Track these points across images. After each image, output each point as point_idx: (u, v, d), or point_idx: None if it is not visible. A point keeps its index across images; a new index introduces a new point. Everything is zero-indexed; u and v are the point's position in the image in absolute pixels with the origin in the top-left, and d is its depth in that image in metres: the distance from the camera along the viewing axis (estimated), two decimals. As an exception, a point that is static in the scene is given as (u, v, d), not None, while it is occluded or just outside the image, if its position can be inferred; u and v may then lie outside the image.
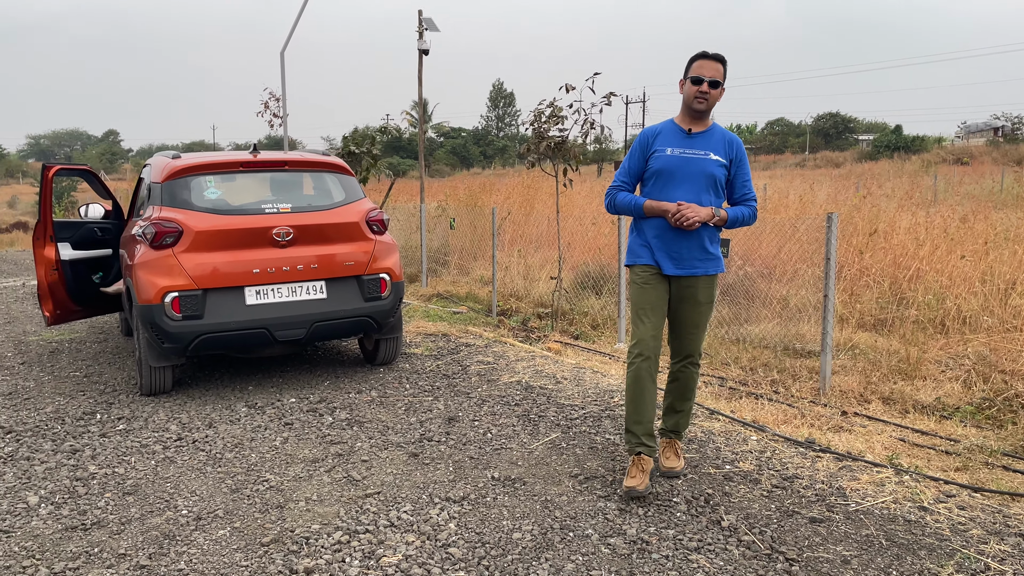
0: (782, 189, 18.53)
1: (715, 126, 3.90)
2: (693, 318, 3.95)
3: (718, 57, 3.79)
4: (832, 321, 5.96)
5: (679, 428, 4.17)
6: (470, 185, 17.95)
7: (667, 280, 3.90)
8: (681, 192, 3.78)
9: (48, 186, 6.51)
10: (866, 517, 3.60)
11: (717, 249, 3.94)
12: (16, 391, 6.08)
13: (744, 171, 3.90)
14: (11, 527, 3.69)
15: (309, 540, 3.47)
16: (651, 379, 3.85)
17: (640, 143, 3.95)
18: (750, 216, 3.93)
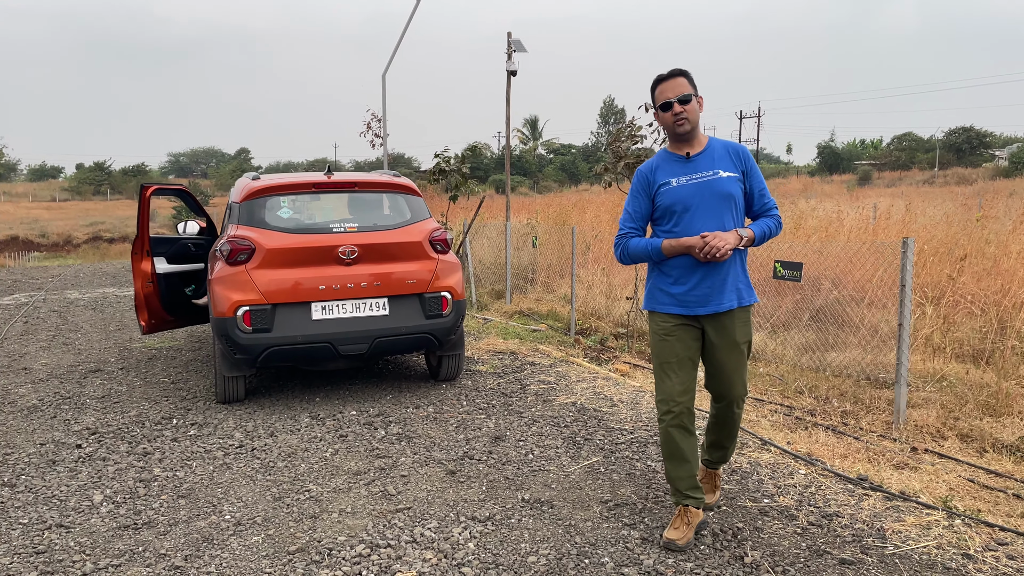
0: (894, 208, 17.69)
1: (712, 140, 3.62)
2: (732, 362, 3.62)
3: (674, 73, 3.53)
4: (907, 351, 5.70)
5: (724, 460, 3.98)
6: (564, 203, 18.01)
7: (696, 323, 3.59)
8: (702, 222, 3.48)
9: (146, 205, 7.00)
10: (901, 562, 3.42)
11: (747, 276, 3.65)
12: (109, 394, 6.55)
13: (759, 179, 3.59)
14: (72, 523, 3.99)
15: (332, 551, 3.59)
16: (685, 433, 3.61)
17: (640, 183, 3.65)
18: (776, 227, 3.60)
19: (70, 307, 12.04)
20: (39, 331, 9.88)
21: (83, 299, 13.03)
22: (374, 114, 15.13)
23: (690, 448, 3.63)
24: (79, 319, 10.76)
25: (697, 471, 3.69)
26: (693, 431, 3.66)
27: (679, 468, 3.64)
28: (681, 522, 3.64)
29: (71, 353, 8.41)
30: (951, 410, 5.93)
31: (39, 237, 50.70)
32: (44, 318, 10.94)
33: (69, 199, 67.87)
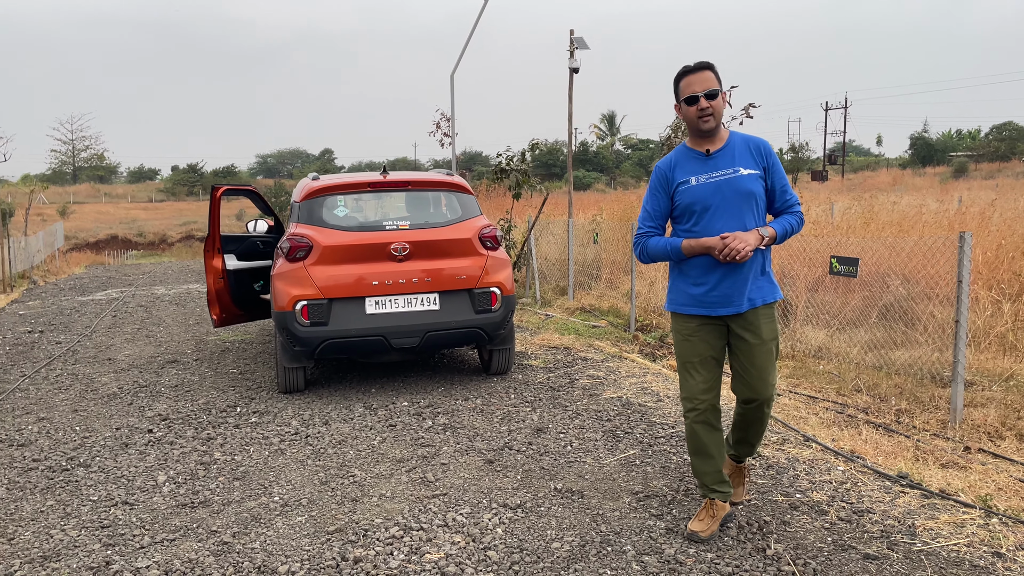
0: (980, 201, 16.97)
1: (733, 135, 3.53)
2: (758, 360, 3.52)
3: (701, 66, 3.44)
4: (964, 348, 5.57)
5: (752, 453, 3.89)
6: (633, 199, 17.94)
7: (720, 322, 3.54)
8: (722, 222, 3.41)
9: (216, 205, 7.38)
10: (928, 558, 3.39)
11: (771, 274, 3.58)
12: (182, 384, 6.95)
13: (780, 175, 3.51)
14: (136, 500, 4.31)
15: (368, 532, 3.78)
16: (709, 430, 3.60)
17: (658, 180, 3.58)
18: (798, 224, 3.52)
19: (156, 302, 12.72)
20: (125, 324, 10.49)
21: (168, 294, 13.74)
22: (443, 113, 15.40)
23: (715, 444, 3.65)
24: (162, 313, 11.38)
25: (723, 466, 3.71)
26: (719, 427, 3.67)
27: (705, 463, 3.67)
28: (706, 514, 3.67)
29: (152, 345, 8.92)
30: (1017, 409, 5.76)
31: (137, 236, 53.32)
32: (131, 312, 11.61)
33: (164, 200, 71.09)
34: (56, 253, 30.48)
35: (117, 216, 60.43)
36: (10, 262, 20.47)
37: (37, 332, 10.25)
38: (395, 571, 3.41)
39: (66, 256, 32.88)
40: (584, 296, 11.90)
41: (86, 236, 52.23)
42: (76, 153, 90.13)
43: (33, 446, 5.33)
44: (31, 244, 25.46)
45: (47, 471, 4.82)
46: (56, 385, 7.11)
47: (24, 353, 8.78)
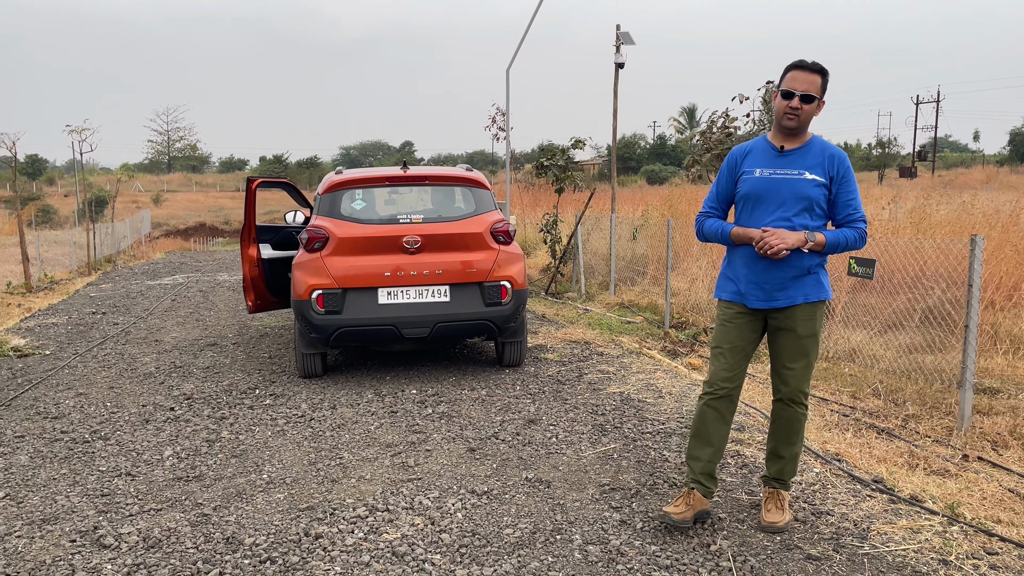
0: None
1: (814, 140, 3.54)
2: (791, 353, 3.58)
3: (815, 68, 3.42)
4: (973, 354, 5.44)
5: (783, 476, 3.76)
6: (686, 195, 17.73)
7: (759, 314, 3.60)
8: (771, 217, 3.47)
9: (252, 197, 7.73)
10: (871, 562, 3.38)
11: (821, 273, 3.57)
12: (213, 365, 7.34)
13: (849, 189, 3.50)
14: (138, 472, 4.63)
15: (336, 511, 3.99)
16: (718, 420, 3.65)
17: (728, 164, 3.67)
18: (856, 239, 3.50)
19: (215, 288, 13.33)
20: (180, 308, 11.06)
21: (229, 281, 14.35)
22: (499, 108, 15.57)
23: (717, 434, 3.68)
24: (217, 299, 11.92)
25: (716, 461, 3.72)
26: (728, 420, 3.70)
27: (700, 448, 3.69)
28: (683, 502, 3.68)
29: (199, 328, 9.40)
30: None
31: (223, 224, 55.37)
32: (190, 297, 12.21)
33: (251, 189, 73.44)
34: (142, 239, 32.08)
35: (206, 204, 62.83)
36: (95, 247, 21.68)
37: (100, 313, 10.92)
38: (350, 548, 3.60)
39: (153, 242, 34.56)
40: (627, 292, 11.90)
41: (176, 223, 54.52)
42: (171, 143, 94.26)
43: (65, 419, 5.75)
44: (118, 230, 26.85)
45: (70, 442, 5.20)
46: (102, 363, 7.60)
47: (83, 333, 9.38)
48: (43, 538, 3.78)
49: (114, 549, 3.64)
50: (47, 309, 11.71)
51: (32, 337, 9.13)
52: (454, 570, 3.38)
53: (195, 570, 3.43)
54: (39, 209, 35.12)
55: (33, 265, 17.31)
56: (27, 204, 34.77)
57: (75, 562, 3.52)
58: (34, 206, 33.48)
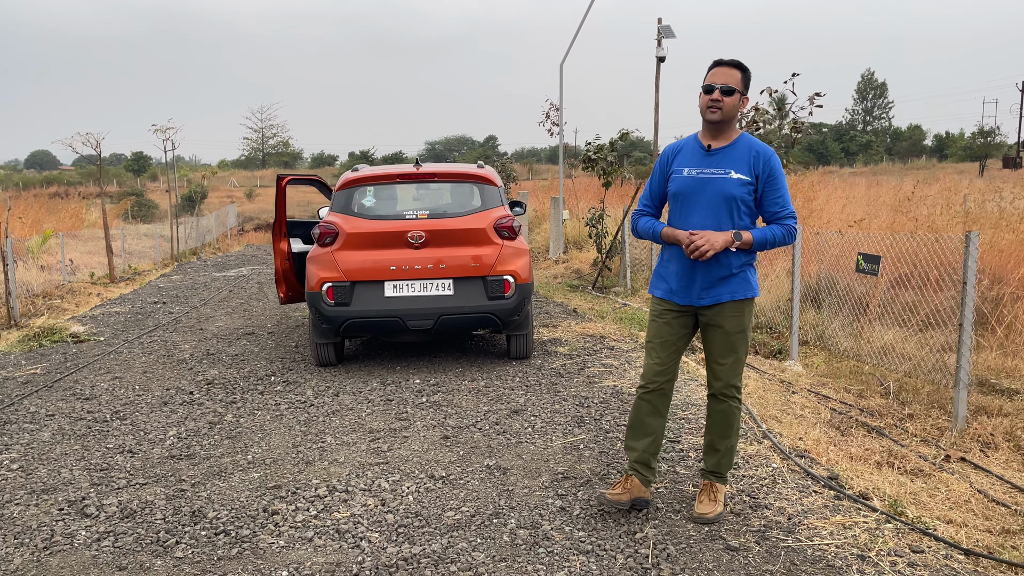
0: None
1: (741, 138, 3.59)
2: (720, 349, 3.66)
3: (734, 63, 3.52)
4: (968, 354, 5.32)
5: (720, 469, 3.81)
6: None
7: (689, 311, 3.69)
8: (698, 218, 3.53)
9: (282, 193, 8.12)
10: (787, 554, 3.42)
11: (749, 272, 3.63)
12: (242, 353, 7.77)
13: (776, 186, 3.54)
14: (139, 450, 5.02)
15: (298, 491, 4.26)
16: (652, 411, 3.75)
17: (660, 163, 3.74)
18: (784, 236, 3.54)
19: (272, 280, 13.92)
20: (233, 299, 11.65)
21: (289, 274, 14.96)
22: (552, 103, 15.67)
23: (652, 425, 3.80)
24: (270, 291, 12.49)
25: (653, 452, 3.83)
26: (662, 414, 3.81)
27: (635, 439, 3.83)
28: (621, 486, 3.81)
29: (243, 318, 9.91)
30: None
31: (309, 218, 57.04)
32: (246, 288, 12.82)
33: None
34: (228, 232, 33.55)
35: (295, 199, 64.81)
36: (179, 240, 22.87)
37: (160, 303, 11.61)
38: (298, 524, 3.86)
39: (240, 236, 36.07)
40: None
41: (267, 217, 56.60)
42: (265, 140, 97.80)
43: (95, 400, 6.24)
44: (203, 224, 28.21)
45: (91, 421, 5.66)
46: (145, 350, 8.14)
47: (139, 321, 10.03)
48: (37, 506, 4.17)
49: (93, 518, 4.00)
50: (117, 299, 12.52)
51: (92, 324, 9.82)
52: (386, 547, 3.59)
53: (157, 539, 3.74)
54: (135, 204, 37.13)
55: (118, 257, 18.43)
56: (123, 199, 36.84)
57: (56, 527, 3.89)
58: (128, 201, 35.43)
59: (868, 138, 71.13)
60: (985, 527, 3.78)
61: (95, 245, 19.88)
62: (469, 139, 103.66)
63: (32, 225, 19.72)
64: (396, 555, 3.50)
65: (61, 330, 8.92)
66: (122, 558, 3.57)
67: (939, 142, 71.28)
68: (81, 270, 16.61)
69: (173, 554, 3.59)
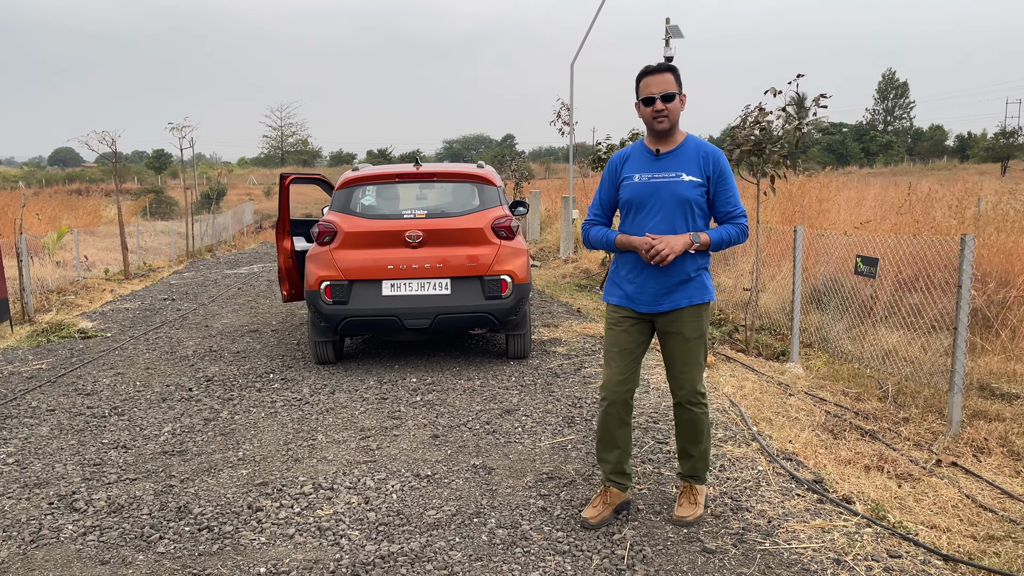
0: None
1: (688, 140, 3.58)
2: (681, 356, 3.63)
3: (662, 67, 3.51)
4: (963, 357, 5.28)
5: (697, 472, 3.82)
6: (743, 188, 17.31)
7: (646, 318, 3.66)
8: (653, 223, 3.50)
9: (286, 192, 8.17)
10: (764, 557, 3.41)
11: (705, 276, 3.63)
12: (244, 350, 7.84)
13: (727, 186, 3.54)
14: (133, 446, 5.08)
15: (284, 488, 4.29)
16: (618, 423, 3.74)
17: (609, 171, 3.70)
18: (738, 235, 3.57)
19: (283, 278, 14.02)
20: (241, 296, 11.74)
21: (299, 271, 15.04)
22: (564, 103, 15.65)
23: (622, 437, 3.79)
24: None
25: (625, 460, 3.83)
26: (627, 422, 3.80)
27: (607, 452, 3.83)
28: (600, 501, 3.84)
29: (249, 316, 9.99)
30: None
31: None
32: (254, 286, 12.91)
33: (356, 182, 75.86)
34: (244, 229, 33.78)
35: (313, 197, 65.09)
36: (194, 237, 23.07)
37: (170, 300, 11.73)
38: (281, 521, 3.89)
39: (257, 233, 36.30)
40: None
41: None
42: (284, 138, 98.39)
43: (96, 396, 6.32)
44: (219, 221, 28.43)
45: (89, 417, 5.73)
46: (150, 346, 8.23)
47: (147, 317, 10.13)
48: (28, 499, 4.24)
49: (81, 512, 4.06)
50: (128, 295, 12.66)
51: (101, 320, 9.94)
52: (365, 545, 3.62)
53: (141, 534, 3.79)
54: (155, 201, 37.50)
55: (133, 254, 18.62)
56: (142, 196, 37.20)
57: (44, 521, 3.95)
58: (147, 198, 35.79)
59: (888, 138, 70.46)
60: (970, 533, 3.76)
61: (112, 242, 20.10)
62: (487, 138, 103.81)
63: (49, 222, 19.98)
64: (374, 553, 3.53)
65: (69, 326, 9.04)
66: (105, 552, 3.62)
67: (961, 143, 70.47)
68: (97, 266, 16.81)
69: (155, 549, 3.64)
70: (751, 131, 8.50)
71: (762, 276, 10.88)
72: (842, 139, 71.00)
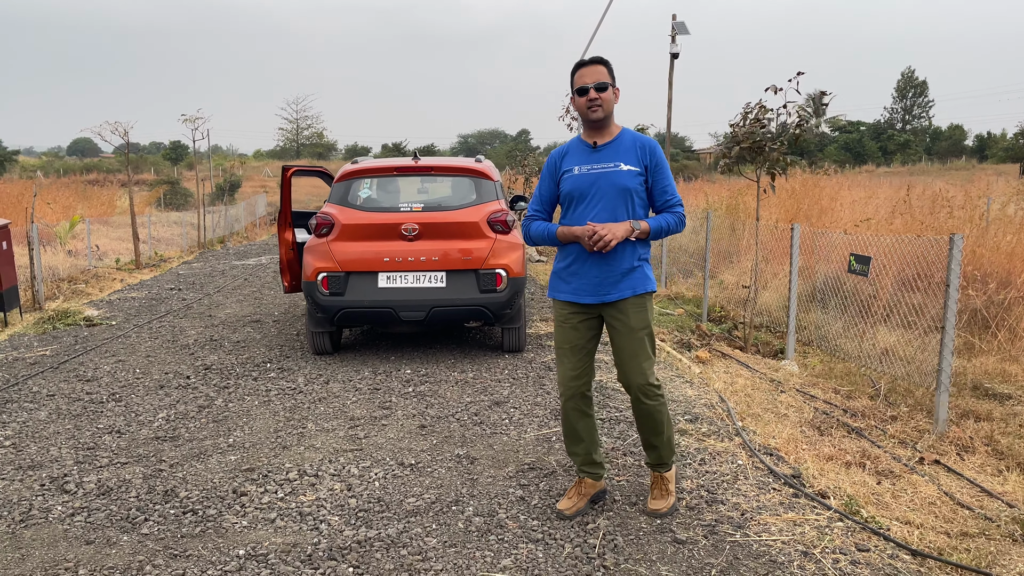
0: None
1: (624, 132, 3.68)
2: (628, 347, 3.66)
3: (595, 60, 3.60)
4: (950, 357, 5.30)
5: (663, 460, 3.85)
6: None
7: (593, 311, 3.71)
8: (594, 212, 3.58)
9: (287, 184, 8.26)
10: (733, 548, 3.46)
11: (646, 267, 3.69)
12: (244, 339, 7.94)
13: (663, 176, 3.64)
14: (127, 431, 5.18)
15: (270, 474, 4.37)
16: (579, 416, 3.81)
17: (548, 167, 3.77)
18: (676, 223, 3.64)
19: (291, 269, 14.14)
20: (247, 287, 11.86)
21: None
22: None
23: (585, 428, 3.86)
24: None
25: (594, 450, 3.89)
26: (589, 413, 3.87)
27: (574, 445, 3.91)
28: (575, 492, 3.91)
29: (252, 306, 10.10)
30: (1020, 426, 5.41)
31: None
32: (261, 277, 13.04)
33: (370, 176, 76.12)
34: (257, 221, 34.00)
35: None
36: (206, 229, 23.26)
37: (177, 289, 11.87)
38: (264, 506, 3.97)
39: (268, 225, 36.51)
40: (680, 285, 11.86)
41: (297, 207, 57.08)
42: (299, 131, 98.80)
43: (96, 382, 6.43)
44: (232, 213, 28.64)
45: (88, 402, 5.84)
46: (153, 335, 8.35)
47: (152, 307, 10.27)
48: (21, 481, 4.34)
49: (71, 494, 4.16)
50: (137, 284, 12.82)
51: (107, 308, 10.08)
52: (343, 530, 3.69)
53: (127, 516, 3.88)
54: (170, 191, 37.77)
55: (145, 243, 18.82)
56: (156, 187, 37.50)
57: (34, 502, 4.05)
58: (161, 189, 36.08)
59: (906, 137, 69.88)
60: (944, 529, 3.78)
61: (125, 232, 20.30)
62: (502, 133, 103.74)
63: (63, 211, 20.21)
64: (351, 538, 3.60)
65: (75, 313, 9.18)
66: (91, 533, 3.71)
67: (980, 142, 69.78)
68: (109, 256, 17.00)
69: (140, 531, 3.73)
70: (751, 128, 8.50)
71: (764, 274, 10.89)
72: (859, 137, 70.49)
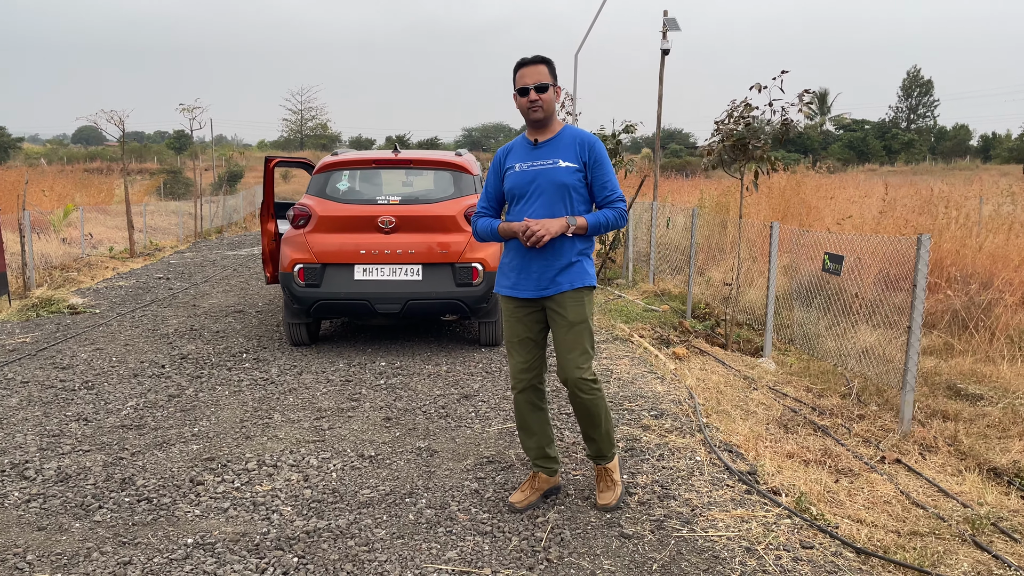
0: None
1: (565, 129, 3.71)
2: (565, 341, 3.68)
3: (537, 59, 3.63)
4: (916, 357, 5.30)
5: (604, 452, 3.87)
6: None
7: (536, 305, 3.75)
8: (533, 208, 3.63)
9: (270, 175, 8.26)
10: (677, 543, 3.47)
11: (586, 262, 3.71)
12: (224, 329, 7.96)
13: (604, 172, 3.65)
14: (94, 419, 5.20)
15: (229, 464, 4.40)
16: (531, 408, 3.85)
17: (494, 164, 3.83)
18: (615, 219, 3.65)
19: (281, 260, 14.17)
20: (235, 277, 11.89)
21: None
22: (568, 93, 15.64)
23: (537, 421, 3.89)
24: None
25: (547, 443, 3.91)
26: (542, 407, 3.90)
27: (527, 439, 3.93)
28: (528, 486, 3.93)
29: (237, 296, 10.12)
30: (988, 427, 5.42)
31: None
32: (250, 267, 13.06)
33: (373, 168, 76.13)
34: (256, 212, 34.01)
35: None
36: (202, 218, 23.29)
37: (165, 279, 11.90)
38: (218, 495, 3.99)
39: (269, 216, 36.53)
40: (667, 282, 11.86)
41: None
42: (304, 122, 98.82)
43: (71, 369, 6.46)
44: (230, 204, 28.67)
45: (61, 390, 5.87)
46: (134, 323, 8.38)
47: (138, 296, 10.30)
48: (-18, 467, 4.37)
49: (30, 480, 4.18)
50: (127, 273, 12.85)
51: (93, 297, 10.11)
52: (294, 520, 3.72)
53: (82, 503, 3.91)
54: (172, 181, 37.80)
55: (141, 232, 18.86)
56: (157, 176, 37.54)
57: (-8, 488, 4.08)
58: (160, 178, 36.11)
59: (911, 136, 69.66)
60: (894, 528, 3.79)
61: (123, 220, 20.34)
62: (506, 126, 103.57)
63: (59, 199, 20.25)
64: (301, 528, 3.62)
65: (59, 301, 9.21)
66: (44, 519, 3.74)
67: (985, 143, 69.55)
68: (104, 244, 17.05)
69: (92, 518, 3.75)
70: (735, 126, 8.49)
71: (751, 271, 10.89)
72: (863, 136, 70.27)
